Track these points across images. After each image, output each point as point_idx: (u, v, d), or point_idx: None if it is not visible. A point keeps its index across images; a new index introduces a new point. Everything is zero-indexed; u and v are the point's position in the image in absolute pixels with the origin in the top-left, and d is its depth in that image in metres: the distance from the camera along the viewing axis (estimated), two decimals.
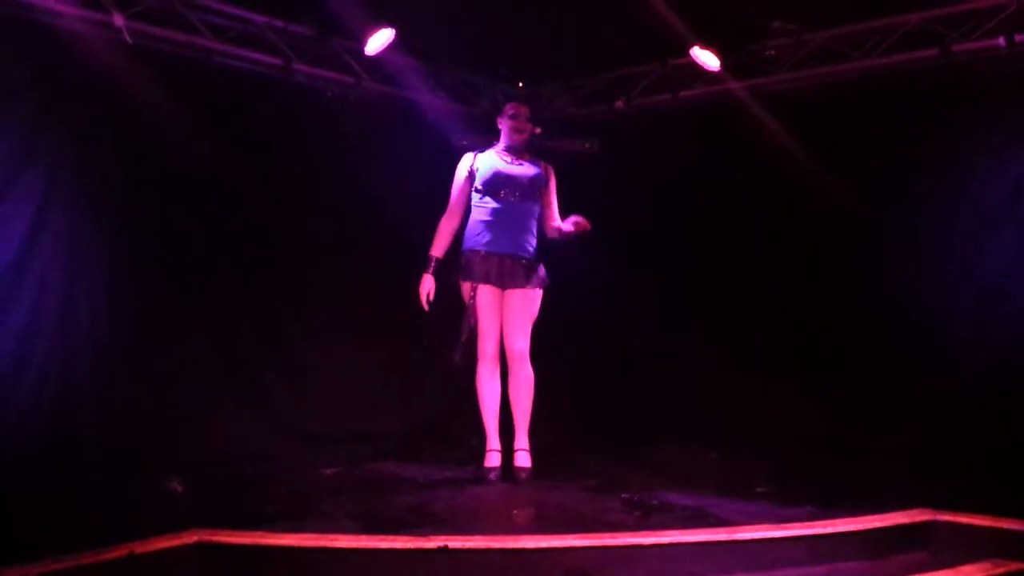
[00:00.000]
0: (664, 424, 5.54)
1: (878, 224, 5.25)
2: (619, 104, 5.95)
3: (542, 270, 4.59)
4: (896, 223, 5.20)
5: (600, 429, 5.74)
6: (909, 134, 5.14)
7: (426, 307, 4.49)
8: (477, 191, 4.54)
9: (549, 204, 4.67)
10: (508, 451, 4.54)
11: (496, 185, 4.52)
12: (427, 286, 4.49)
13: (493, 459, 4.52)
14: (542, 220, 4.66)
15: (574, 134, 5.36)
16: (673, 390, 5.70)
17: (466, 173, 4.57)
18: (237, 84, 5.11)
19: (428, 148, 5.39)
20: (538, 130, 4.67)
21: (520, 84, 6.20)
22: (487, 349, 4.50)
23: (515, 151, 4.60)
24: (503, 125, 4.66)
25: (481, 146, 4.69)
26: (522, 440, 4.53)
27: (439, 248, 4.57)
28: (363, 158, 5.51)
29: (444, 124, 5.58)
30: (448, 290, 4.57)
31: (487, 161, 4.58)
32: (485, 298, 4.45)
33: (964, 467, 4.22)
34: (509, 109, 4.67)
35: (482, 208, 4.52)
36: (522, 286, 4.51)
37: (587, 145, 5.18)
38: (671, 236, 5.93)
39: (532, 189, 4.55)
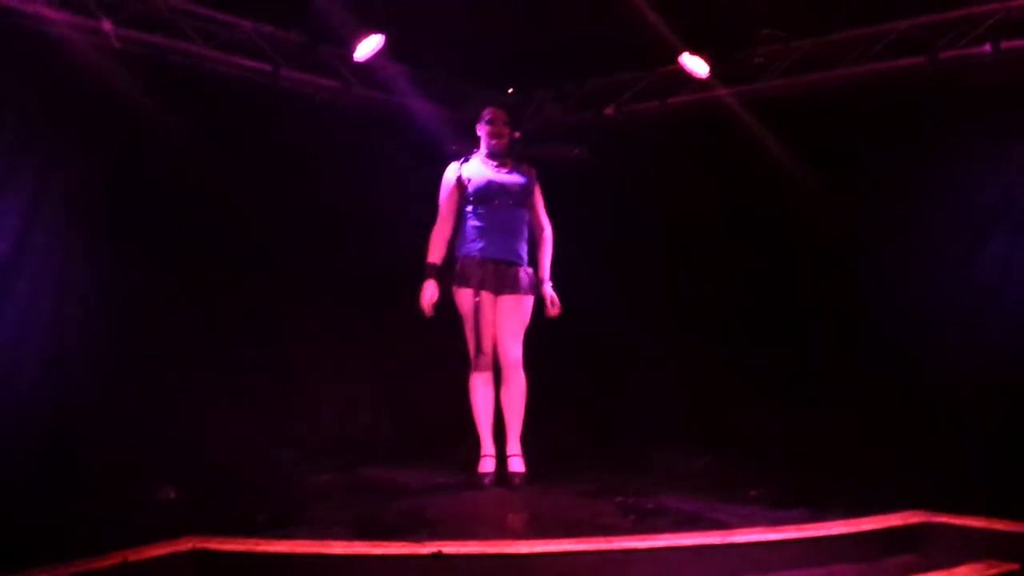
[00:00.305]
0: (659, 428, 5.53)
1: (870, 229, 5.24)
2: (609, 111, 5.94)
3: (533, 276, 4.60)
4: (888, 228, 5.20)
5: (594, 434, 5.73)
6: (898, 141, 5.14)
7: (430, 312, 4.48)
8: (470, 200, 4.54)
9: (536, 208, 4.69)
10: (502, 456, 4.52)
11: (491, 194, 4.53)
12: (429, 291, 4.49)
13: (487, 464, 4.51)
14: (531, 224, 4.67)
15: (564, 140, 5.37)
16: (667, 394, 5.68)
17: (454, 183, 4.56)
18: (225, 89, 5.10)
19: (418, 154, 5.37)
20: (517, 134, 4.67)
21: (510, 90, 6.18)
22: (480, 355, 4.50)
23: (497, 157, 4.60)
24: (481, 131, 4.66)
25: (468, 153, 4.68)
26: (515, 445, 4.52)
27: (435, 255, 4.57)
28: (354, 163, 5.47)
29: (434, 130, 5.55)
30: (444, 297, 4.56)
31: (476, 170, 4.58)
32: (481, 304, 4.45)
33: (958, 469, 4.21)
34: (485, 114, 4.65)
35: (476, 216, 4.52)
36: (515, 292, 4.52)
37: (576, 151, 5.19)
38: (662, 241, 5.91)
39: (524, 196, 4.59)
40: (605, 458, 5.15)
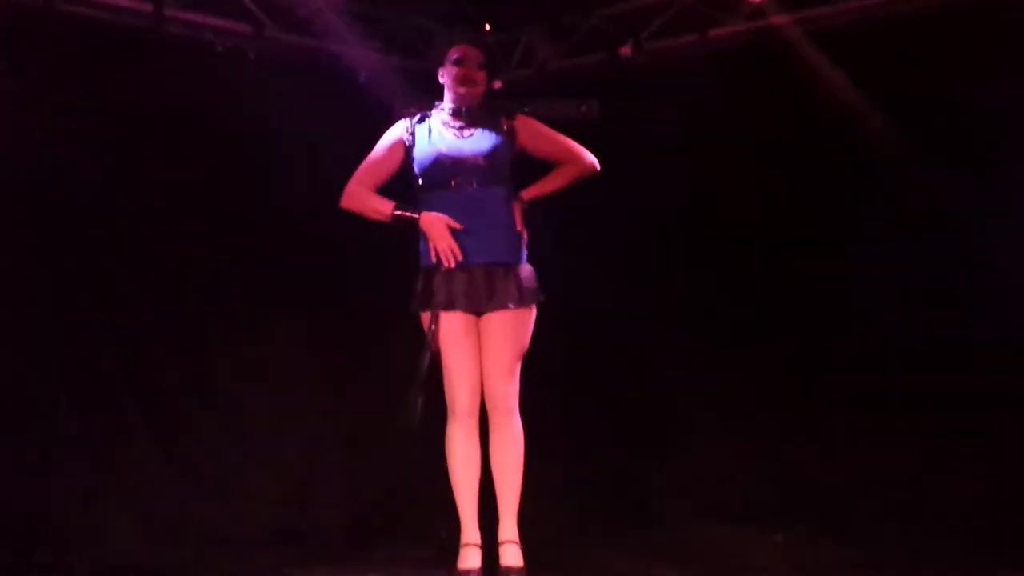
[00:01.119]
0: (708, 496, 4.83)
1: (967, 200, 4.49)
2: (625, 50, 5.22)
3: (532, 277, 3.72)
4: (989, 196, 4.47)
5: (619, 506, 5.00)
6: (1006, 80, 4.35)
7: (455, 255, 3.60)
8: (419, 183, 3.74)
9: (551, 146, 3.80)
10: (491, 545, 3.72)
11: (442, 173, 3.68)
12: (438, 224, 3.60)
13: (471, 558, 3.68)
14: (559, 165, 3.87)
15: (565, 94, 4.78)
16: (715, 446, 4.96)
17: (396, 141, 3.78)
18: (93, 41, 4.51)
19: (362, 120, 4.51)
20: (497, 84, 4.37)
21: (487, 27, 5.38)
22: (459, 401, 3.66)
23: (465, 114, 3.77)
24: (446, 76, 3.81)
25: (427, 111, 3.89)
26: (510, 528, 3.70)
27: (379, 201, 3.70)
28: (275, 137, 4.77)
29: (383, 86, 4.86)
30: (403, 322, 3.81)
31: (425, 136, 3.76)
32: (453, 330, 3.61)
33: None
34: (452, 53, 3.79)
35: (430, 204, 3.69)
36: (504, 306, 3.63)
37: (584, 108, 4.66)
38: (698, 227, 5.16)
39: (495, 166, 3.70)
40: (636, 541, 4.48)
